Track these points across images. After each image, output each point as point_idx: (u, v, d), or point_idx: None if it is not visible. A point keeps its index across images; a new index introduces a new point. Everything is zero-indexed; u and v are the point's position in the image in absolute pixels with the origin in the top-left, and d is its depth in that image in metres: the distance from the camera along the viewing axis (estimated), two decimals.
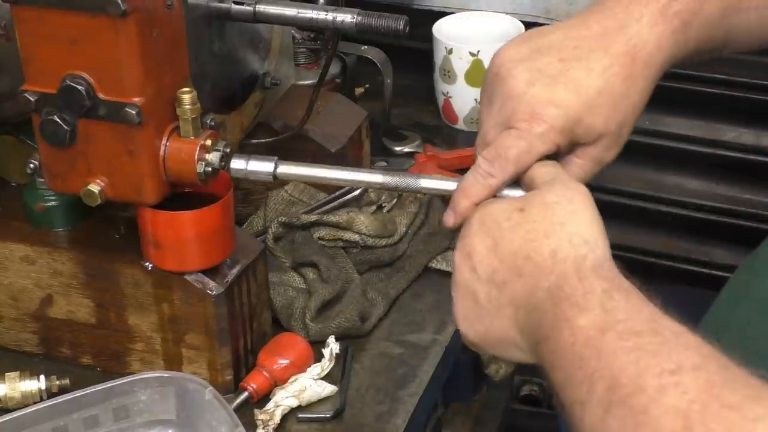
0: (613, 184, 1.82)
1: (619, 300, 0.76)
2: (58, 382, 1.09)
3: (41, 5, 0.94)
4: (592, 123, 0.88)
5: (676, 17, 0.91)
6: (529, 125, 0.87)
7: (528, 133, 0.87)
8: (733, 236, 1.76)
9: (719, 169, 1.76)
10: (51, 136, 0.99)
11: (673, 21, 0.90)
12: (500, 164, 0.87)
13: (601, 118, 0.89)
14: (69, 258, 1.09)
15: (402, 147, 1.49)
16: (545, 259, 0.80)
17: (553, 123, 0.87)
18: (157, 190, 1.01)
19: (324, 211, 1.24)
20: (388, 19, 1.11)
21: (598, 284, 0.77)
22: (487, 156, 0.88)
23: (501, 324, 0.83)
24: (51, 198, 1.10)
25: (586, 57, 0.89)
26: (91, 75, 0.96)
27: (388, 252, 1.24)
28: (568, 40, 0.91)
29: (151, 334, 1.09)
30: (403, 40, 1.18)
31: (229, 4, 1.13)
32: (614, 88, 0.89)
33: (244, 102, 1.22)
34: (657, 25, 0.90)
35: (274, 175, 0.98)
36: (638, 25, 0.90)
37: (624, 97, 0.89)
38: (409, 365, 1.15)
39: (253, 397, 1.10)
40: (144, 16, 0.94)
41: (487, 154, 0.88)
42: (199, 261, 1.05)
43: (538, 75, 0.88)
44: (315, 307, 1.16)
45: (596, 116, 0.88)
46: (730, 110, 1.71)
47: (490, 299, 0.83)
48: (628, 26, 0.90)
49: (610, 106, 0.89)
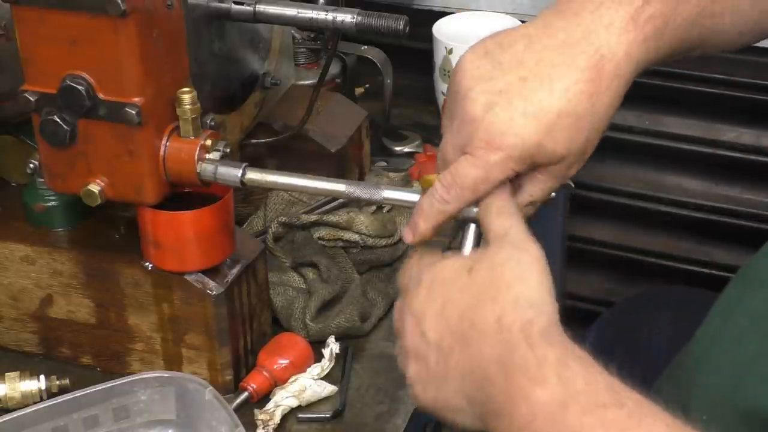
0: (613, 184, 1.82)
1: (575, 368, 0.72)
2: (58, 382, 1.09)
3: (41, 5, 0.94)
4: (553, 147, 0.84)
5: (649, 23, 0.85)
6: (485, 153, 0.83)
7: (485, 162, 0.84)
8: (733, 236, 1.76)
9: (719, 169, 1.76)
10: (51, 136, 0.99)
11: (645, 28, 0.84)
12: (456, 192, 0.85)
13: (563, 141, 0.84)
14: (69, 258, 1.09)
15: (402, 147, 1.49)
16: (490, 326, 0.76)
17: (510, 152, 0.83)
18: (157, 190, 1.01)
19: (324, 211, 1.24)
20: (388, 19, 1.11)
21: (550, 352, 0.73)
22: (444, 182, 0.86)
23: (448, 392, 0.80)
24: (51, 198, 1.10)
25: (547, 75, 0.84)
26: (91, 75, 0.96)
27: (388, 252, 1.24)
28: (530, 53, 0.85)
29: (151, 334, 1.09)
30: (403, 40, 1.18)
31: (229, 4, 1.13)
32: (578, 107, 0.84)
33: (244, 102, 1.22)
34: (628, 33, 0.84)
35: (242, 181, 0.99)
36: (607, 34, 0.84)
37: (588, 114, 0.84)
38: None
39: (253, 397, 1.10)
40: (144, 16, 0.94)
41: (444, 180, 0.86)
42: (199, 261, 1.05)
43: (496, 98, 0.84)
44: (315, 307, 1.16)
45: (557, 140, 0.84)
46: (730, 110, 1.71)
47: (438, 365, 0.80)
48: (596, 34, 0.84)
49: (573, 127, 0.84)
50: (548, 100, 0.83)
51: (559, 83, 0.83)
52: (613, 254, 1.87)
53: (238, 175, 0.99)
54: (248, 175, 0.99)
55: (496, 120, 0.83)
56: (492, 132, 0.83)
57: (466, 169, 0.85)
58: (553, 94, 0.83)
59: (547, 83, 0.84)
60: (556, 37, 0.85)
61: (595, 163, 1.77)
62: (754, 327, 0.86)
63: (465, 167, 0.85)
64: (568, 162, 0.86)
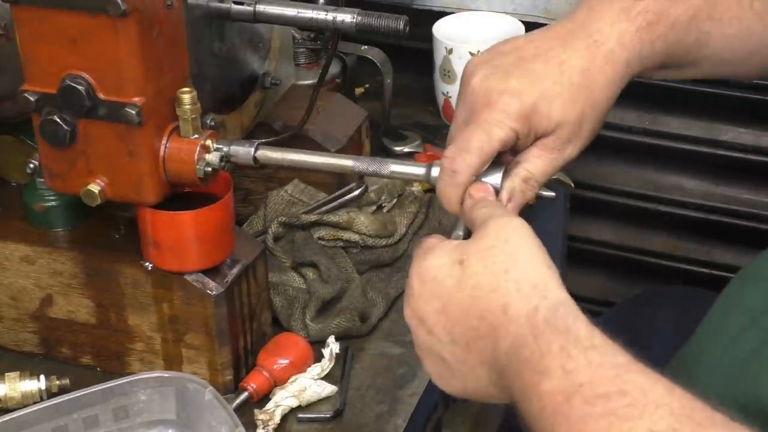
0: (613, 184, 1.82)
1: (578, 357, 0.73)
2: (58, 382, 1.09)
3: (41, 5, 0.94)
4: (548, 110, 0.88)
5: (640, 16, 0.90)
6: (486, 114, 0.87)
7: (485, 122, 0.87)
8: (733, 236, 1.76)
9: (719, 169, 1.76)
10: (51, 136, 0.99)
11: (636, 19, 0.90)
12: (461, 159, 0.87)
13: (558, 106, 0.88)
14: (69, 258, 1.09)
15: (402, 147, 1.49)
16: (498, 317, 0.77)
17: (507, 109, 0.87)
18: (157, 190, 1.01)
19: (324, 211, 1.24)
20: (388, 19, 1.11)
21: (554, 341, 0.74)
22: (449, 153, 0.88)
23: (477, 383, 0.81)
24: (51, 198, 1.10)
25: (544, 53, 0.90)
26: (91, 75, 0.96)
27: (388, 252, 1.24)
28: (530, 42, 0.92)
29: (151, 334, 1.09)
30: (403, 40, 1.18)
31: (229, 4, 1.13)
32: (572, 78, 0.89)
33: (244, 102, 1.22)
34: (620, 23, 0.90)
35: (254, 157, 1.01)
36: (599, 23, 0.90)
37: (582, 88, 0.89)
38: (409, 365, 1.15)
39: (253, 397, 1.10)
40: (144, 16, 0.94)
41: (449, 152, 0.88)
42: (199, 261, 1.05)
43: (494, 70, 0.89)
44: (315, 307, 1.16)
45: (552, 104, 0.88)
46: (729, 110, 1.71)
47: (458, 360, 0.81)
48: (589, 24, 0.91)
49: (567, 95, 0.88)
50: (543, 70, 0.89)
51: (554, 58, 0.90)
52: (613, 254, 1.87)
53: (251, 152, 1.00)
54: (260, 151, 1.00)
55: (493, 83, 0.89)
56: (489, 93, 0.88)
57: (468, 134, 0.88)
58: (548, 65, 0.89)
59: (542, 58, 0.90)
60: (554, 30, 0.93)
61: (595, 163, 1.78)
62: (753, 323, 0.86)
63: (467, 133, 0.88)
64: (564, 134, 0.89)
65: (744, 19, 0.95)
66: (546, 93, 0.88)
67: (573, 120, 0.89)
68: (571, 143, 0.90)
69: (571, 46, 0.90)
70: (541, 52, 0.90)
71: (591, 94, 0.89)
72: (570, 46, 0.90)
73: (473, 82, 0.90)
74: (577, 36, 0.91)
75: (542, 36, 0.92)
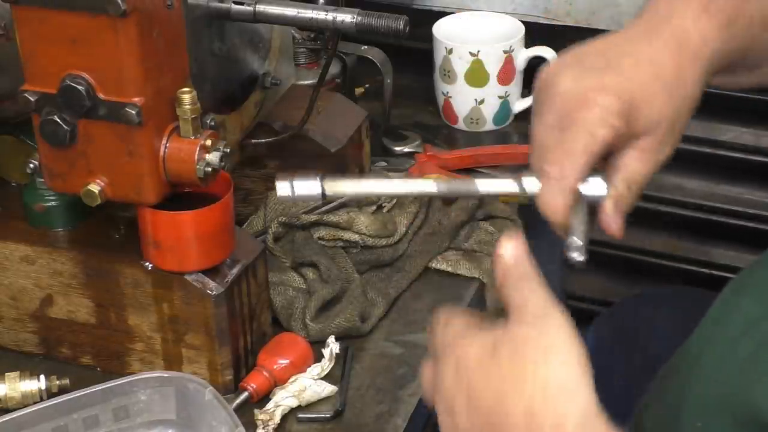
0: None
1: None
2: (58, 382, 1.09)
3: (41, 5, 0.94)
4: (648, 108, 0.84)
5: (720, 13, 0.87)
6: (585, 114, 0.83)
7: (586, 122, 0.82)
8: (733, 236, 1.76)
9: (719, 169, 1.76)
10: (51, 136, 0.99)
11: (717, 16, 0.87)
12: (570, 161, 0.82)
13: (657, 103, 0.84)
14: (69, 258, 1.09)
15: (402, 147, 1.49)
16: (520, 420, 0.70)
17: (607, 106, 0.83)
18: (157, 190, 1.01)
19: (324, 211, 1.24)
20: (388, 19, 1.11)
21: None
22: (552, 160, 0.83)
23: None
24: (51, 198, 1.10)
25: (630, 51, 0.86)
26: (91, 75, 0.96)
27: (388, 252, 1.24)
28: (611, 43, 0.88)
29: (151, 334, 1.09)
30: (403, 40, 1.18)
31: (229, 4, 1.13)
32: (665, 73, 0.85)
33: (244, 102, 1.22)
34: (701, 20, 0.86)
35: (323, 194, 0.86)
36: (681, 20, 0.87)
37: (676, 83, 0.85)
38: (409, 365, 1.15)
39: (253, 397, 1.10)
40: (144, 16, 0.94)
41: (552, 159, 0.83)
42: (199, 261, 1.05)
43: (584, 72, 0.85)
44: (315, 307, 1.16)
45: (651, 101, 0.84)
46: (730, 110, 1.71)
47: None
48: (671, 20, 0.87)
49: (663, 92, 0.85)
50: (635, 69, 0.85)
51: (643, 55, 0.85)
52: (613, 254, 1.86)
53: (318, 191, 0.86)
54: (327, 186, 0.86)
55: (587, 83, 0.84)
56: (584, 93, 0.83)
57: (569, 136, 0.83)
58: (639, 64, 0.85)
59: (632, 57, 0.85)
60: (633, 30, 0.88)
61: None
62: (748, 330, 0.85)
63: (568, 135, 0.83)
64: (660, 134, 0.85)
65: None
66: (644, 90, 0.84)
67: (670, 118, 0.85)
68: (667, 144, 0.87)
69: (657, 44, 0.86)
70: (629, 52, 0.86)
71: (684, 91, 0.86)
72: (656, 44, 0.86)
73: (561, 84, 0.85)
74: (661, 33, 0.86)
75: (623, 36, 0.88)
